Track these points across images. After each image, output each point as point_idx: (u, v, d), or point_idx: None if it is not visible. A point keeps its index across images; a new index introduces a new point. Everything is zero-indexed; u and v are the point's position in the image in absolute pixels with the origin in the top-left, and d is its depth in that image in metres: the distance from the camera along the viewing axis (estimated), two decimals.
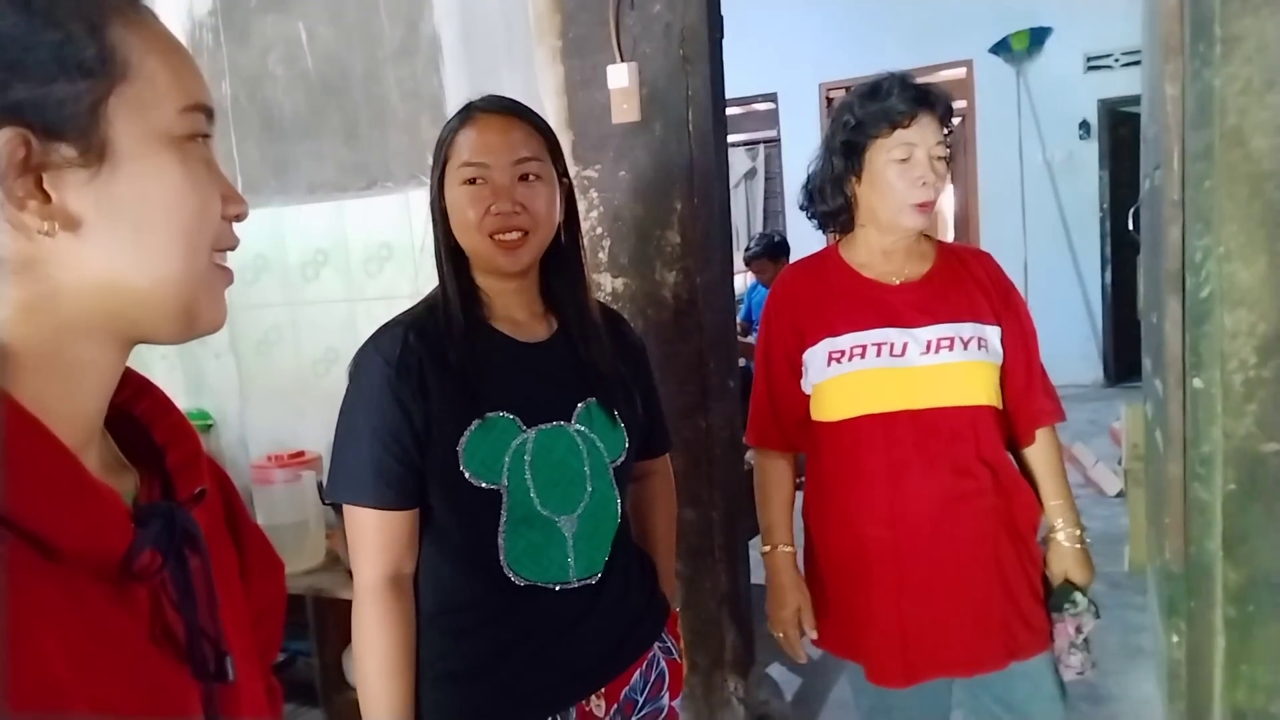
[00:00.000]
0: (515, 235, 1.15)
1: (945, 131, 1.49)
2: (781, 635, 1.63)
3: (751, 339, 3.84)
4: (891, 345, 1.50)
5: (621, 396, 1.26)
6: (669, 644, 1.35)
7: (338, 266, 2.49)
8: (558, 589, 1.18)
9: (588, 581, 1.20)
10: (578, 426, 1.20)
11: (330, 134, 2.45)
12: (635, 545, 1.36)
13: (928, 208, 1.46)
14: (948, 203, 7.83)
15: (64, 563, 0.48)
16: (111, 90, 0.52)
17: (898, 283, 1.54)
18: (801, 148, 7.46)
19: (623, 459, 1.24)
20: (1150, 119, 2.21)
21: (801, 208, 1.67)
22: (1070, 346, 6.37)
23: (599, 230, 2.21)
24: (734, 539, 2.25)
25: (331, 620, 2.29)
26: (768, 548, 1.64)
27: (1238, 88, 1.68)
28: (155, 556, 0.55)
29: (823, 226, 1.64)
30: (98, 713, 0.47)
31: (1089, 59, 6.35)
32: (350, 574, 2.20)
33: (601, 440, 1.22)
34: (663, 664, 1.32)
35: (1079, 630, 1.51)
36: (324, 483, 2.30)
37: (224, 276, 0.61)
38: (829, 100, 7.18)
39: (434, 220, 1.22)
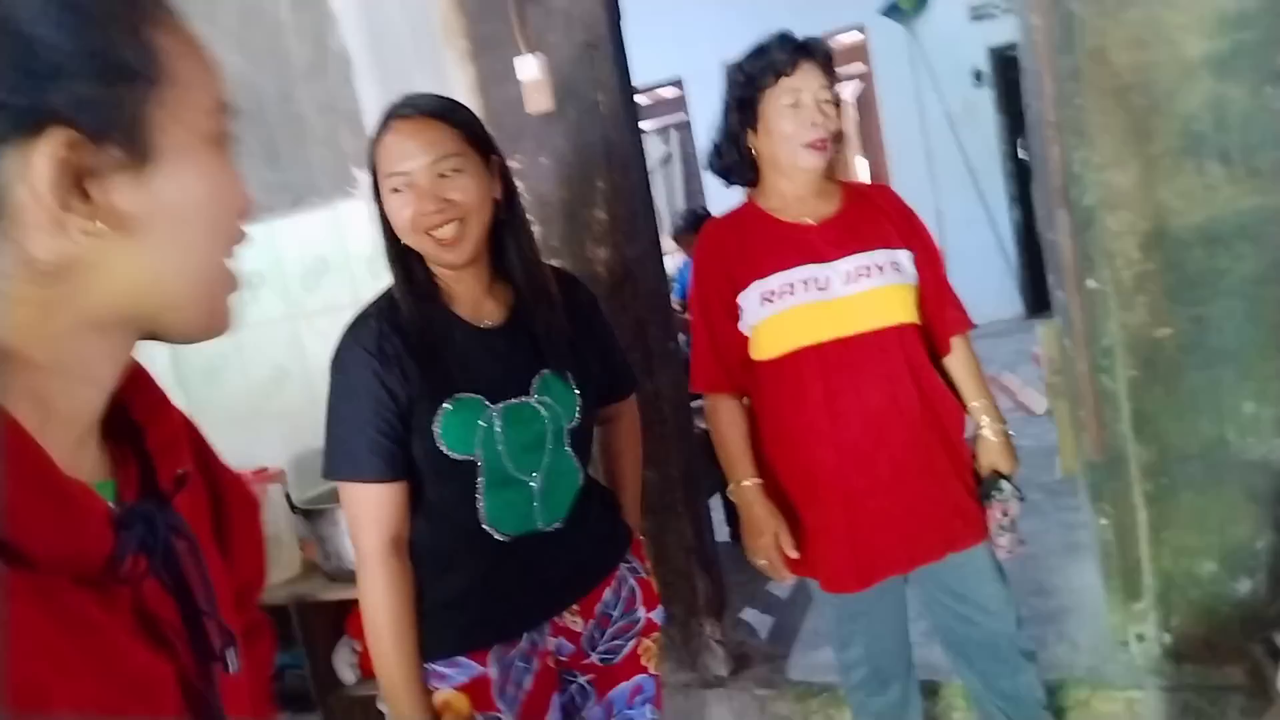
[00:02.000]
0: (449, 230, 1.25)
1: (830, 80, 1.62)
2: (765, 562, 1.72)
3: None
4: (816, 279, 1.62)
5: (574, 361, 1.38)
6: (635, 564, 1.50)
7: (274, 286, 2.53)
8: (527, 537, 1.34)
9: (554, 527, 1.36)
10: (537, 397, 1.33)
11: (250, 157, 2.49)
12: (598, 487, 1.49)
13: (819, 145, 1.60)
14: (862, 169, 8.06)
15: (41, 571, 0.47)
16: (153, 91, 0.52)
17: (812, 222, 1.67)
18: (726, 94, 7.57)
19: (578, 421, 1.37)
20: (1025, 50, 2.38)
21: (708, 167, 1.79)
22: (989, 285, 6.64)
23: (528, 217, 2.30)
24: (694, 493, 2.37)
25: (318, 623, 2.35)
26: (735, 484, 1.73)
27: (1096, 9, 1.85)
28: (139, 561, 0.54)
29: (729, 181, 1.76)
30: (84, 714, 0.47)
31: (973, 10, 6.61)
32: (330, 577, 2.28)
33: (559, 405, 1.34)
34: (631, 582, 1.47)
35: (1005, 513, 1.66)
36: (290, 495, 2.38)
37: (233, 280, 0.61)
38: None
39: (381, 226, 1.32)
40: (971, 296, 1.82)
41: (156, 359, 0.84)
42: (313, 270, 2.49)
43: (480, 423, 1.27)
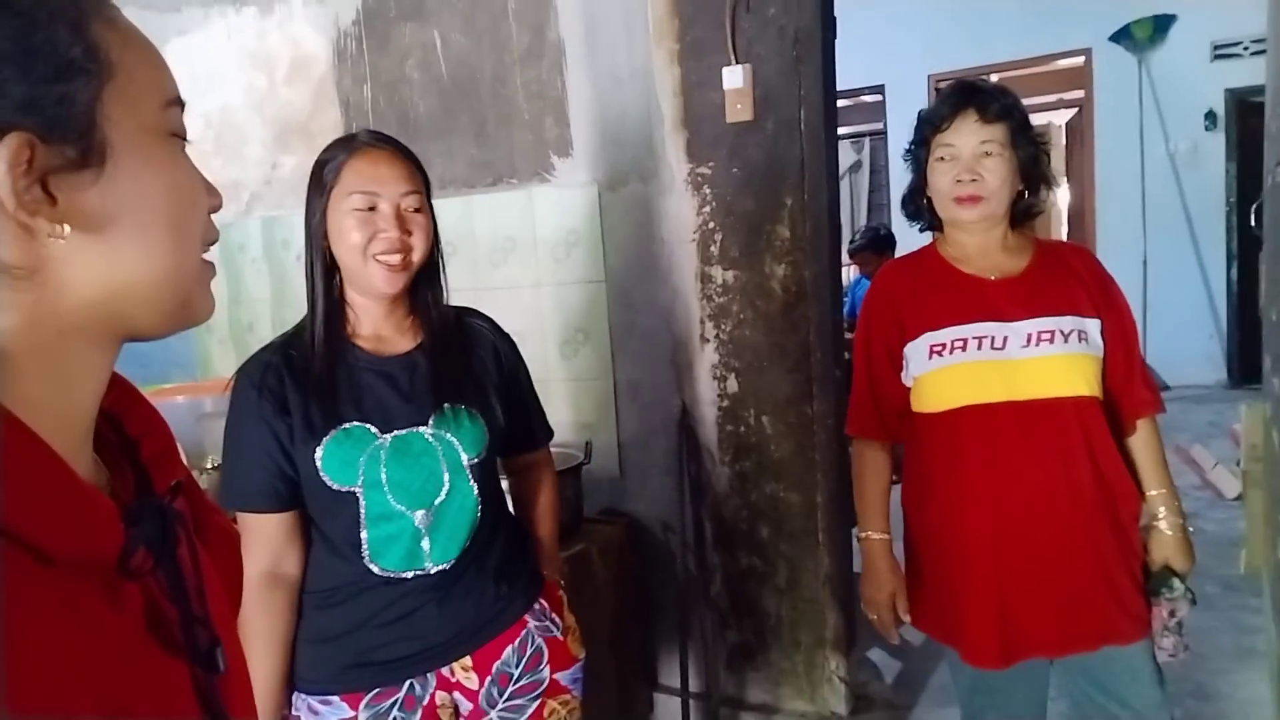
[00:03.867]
0: (398, 259, 1.27)
1: (996, 129, 1.53)
2: (875, 617, 1.69)
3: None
4: (992, 338, 1.55)
5: (483, 399, 1.37)
6: (547, 621, 1.43)
7: (465, 259, 2.66)
8: (412, 576, 1.29)
9: (443, 568, 1.31)
10: (434, 429, 1.30)
11: (460, 133, 2.62)
12: (508, 528, 1.44)
13: (967, 201, 1.53)
14: (1062, 198, 7.61)
15: (57, 567, 0.48)
16: (102, 88, 0.52)
17: (995, 278, 1.60)
18: (908, 140, 7.37)
19: (482, 456, 1.34)
20: (1275, 112, 2.17)
21: (901, 208, 1.76)
22: (1193, 346, 6.15)
23: (710, 225, 2.32)
24: (836, 523, 2.32)
25: None
26: (864, 534, 1.72)
27: None
28: (148, 555, 0.55)
29: (920, 227, 1.72)
30: (100, 713, 0.47)
31: (1216, 47, 6.09)
32: None
33: (460, 440, 1.32)
34: (539, 640, 1.40)
35: (1173, 614, 1.54)
36: None
37: (210, 269, 0.61)
38: (938, 92, 7.08)
39: (310, 241, 1.30)
40: (1169, 356, 1.71)
41: None
42: (501, 248, 2.60)
43: (364, 454, 1.26)
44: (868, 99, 7.63)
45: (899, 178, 7.38)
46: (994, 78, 7.14)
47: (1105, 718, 1.61)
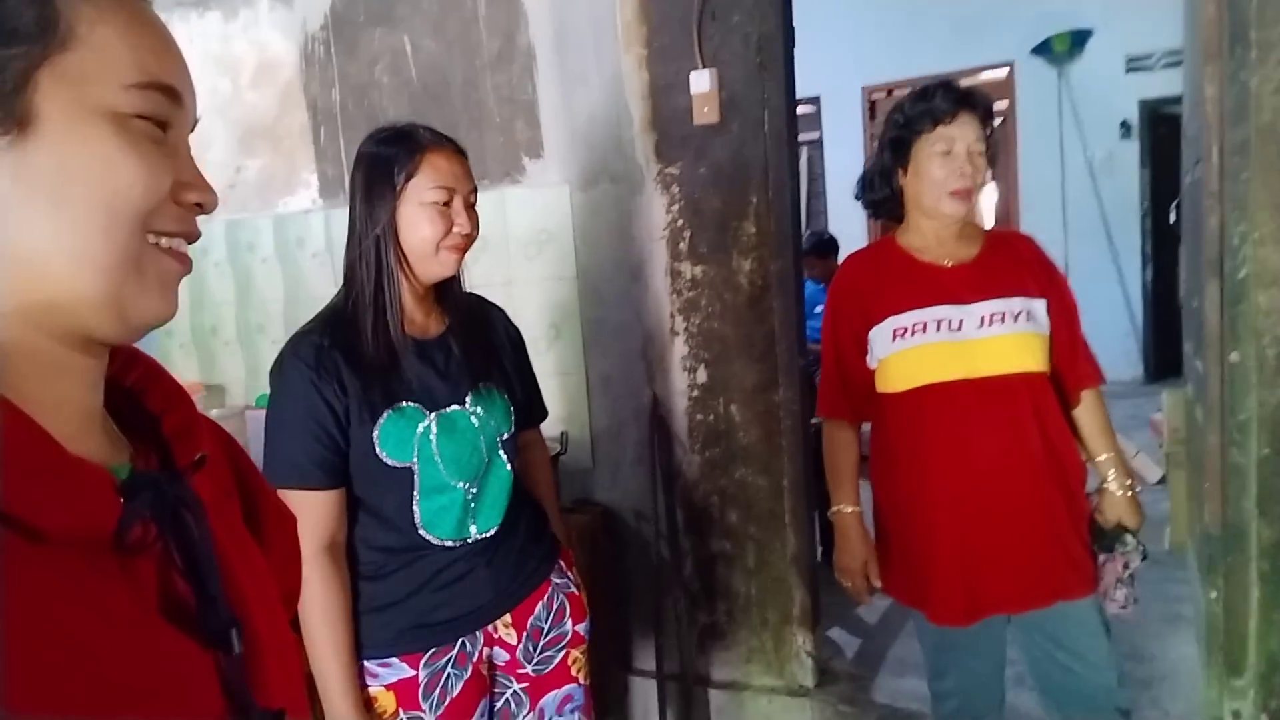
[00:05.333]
0: (464, 249, 1.40)
1: (986, 131, 1.68)
2: (849, 584, 1.82)
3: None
4: (949, 321, 1.68)
5: (507, 378, 1.51)
6: (567, 579, 1.58)
7: None
8: (461, 544, 1.41)
9: (487, 535, 1.43)
10: (472, 408, 1.42)
11: None
12: (529, 498, 1.58)
13: (963, 195, 1.66)
14: (988, 200, 7.94)
15: (51, 544, 0.47)
16: (47, 58, 0.50)
17: (950, 265, 1.73)
18: (844, 149, 7.67)
19: (512, 431, 1.48)
20: (1191, 118, 2.38)
21: (856, 197, 1.88)
22: (1111, 344, 6.47)
23: (679, 222, 2.43)
24: (801, 505, 2.45)
25: None
26: (836, 508, 1.84)
27: (1271, 87, 1.86)
28: (149, 528, 0.53)
29: (874, 214, 1.85)
30: (100, 695, 0.46)
31: (1130, 60, 6.45)
32: None
33: (493, 418, 1.44)
34: (562, 596, 1.55)
35: (1126, 567, 1.69)
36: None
37: (166, 263, 0.57)
38: (871, 103, 7.35)
39: (380, 233, 1.35)
40: None
41: None
42: (475, 248, 2.66)
43: (417, 431, 1.35)
44: (804, 110, 7.87)
45: (836, 185, 7.62)
46: None
47: (1061, 670, 1.76)
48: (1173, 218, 2.93)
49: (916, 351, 1.70)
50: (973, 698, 1.82)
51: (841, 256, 5.18)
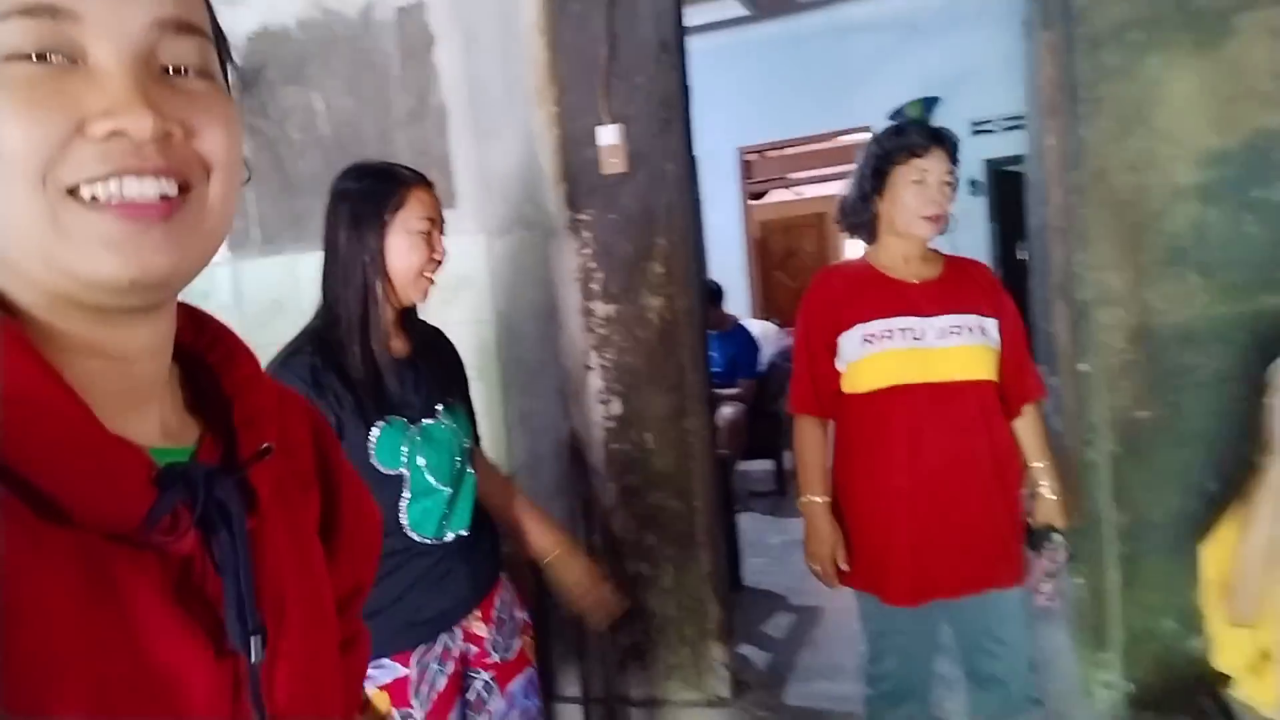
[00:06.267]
0: (435, 275, 1.56)
1: (952, 163, 1.90)
2: (819, 569, 1.98)
3: None
4: (913, 330, 1.88)
5: (462, 397, 1.68)
6: (508, 573, 1.73)
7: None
8: (441, 543, 1.53)
9: (461, 534, 1.56)
10: (443, 420, 1.56)
11: None
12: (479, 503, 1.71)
13: (934, 220, 1.88)
14: (855, 254, 8.46)
15: (73, 525, 0.45)
16: None
17: (917, 282, 1.94)
18: (721, 208, 8.06)
19: (470, 444, 1.64)
20: (1033, 166, 2.73)
21: (836, 221, 2.10)
22: None
23: (591, 265, 2.59)
24: (714, 524, 2.61)
25: None
26: (807, 498, 2.00)
27: (1102, 137, 2.19)
28: (180, 521, 0.51)
29: (851, 234, 2.06)
30: (94, 683, 0.45)
31: (974, 124, 7.10)
32: None
33: (459, 430, 1.59)
34: (511, 587, 1.71)
35: (1053, 561, 1.92)
36: None
37: (90, 219, 0.48)
38: (747, 163, 7.79)
39: (368, 259, 1.46)
40: None
41: None
42: None
43: (405, 441, 1.47)
44: None
45: (715, 245, 7.98)
46: (790, 151, 7.97)
47: (985, 654, 1.96)
48: (1020, 254, 3.29)
49: (883, 356, 1.89)
50: (908, 678, 1.99)
51: (726, 307, 5.50)
